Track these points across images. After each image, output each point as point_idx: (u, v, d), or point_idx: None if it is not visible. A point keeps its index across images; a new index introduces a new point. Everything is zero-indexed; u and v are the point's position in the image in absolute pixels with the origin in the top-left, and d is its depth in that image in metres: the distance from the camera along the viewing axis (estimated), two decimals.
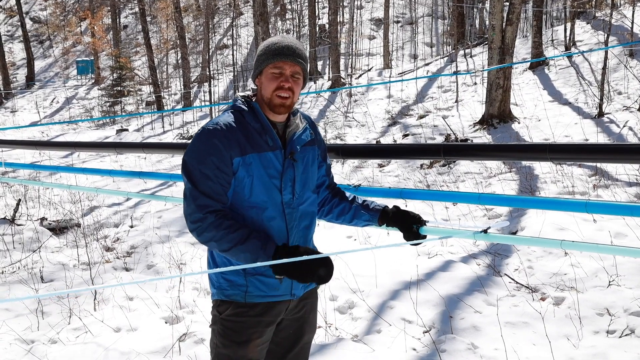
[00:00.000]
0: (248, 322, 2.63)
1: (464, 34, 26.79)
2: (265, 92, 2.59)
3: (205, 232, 2.49)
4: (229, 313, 2.65)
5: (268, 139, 2.58)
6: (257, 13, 16.70)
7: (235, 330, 2.65)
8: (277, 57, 2.57)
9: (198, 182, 2.50)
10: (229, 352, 2.67)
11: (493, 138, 12.55)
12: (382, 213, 2.81)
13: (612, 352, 4.22)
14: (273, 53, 2.57)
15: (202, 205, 2.49)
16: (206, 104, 26.43)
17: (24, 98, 35.42)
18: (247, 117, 2.59)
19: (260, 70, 2.62)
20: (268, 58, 2.58)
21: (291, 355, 2.84)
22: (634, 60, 15.39)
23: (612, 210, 2.58)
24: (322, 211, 2.92)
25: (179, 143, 14.41)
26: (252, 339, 2.65)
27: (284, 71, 2.58)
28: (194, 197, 2.50)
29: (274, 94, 2.58)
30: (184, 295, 5.82)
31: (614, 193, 7.65)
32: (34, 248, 7.72)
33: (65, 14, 48.93)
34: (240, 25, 40.21)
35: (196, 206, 2.50)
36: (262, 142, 2.57)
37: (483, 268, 6.05)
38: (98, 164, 15.56)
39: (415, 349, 4.56)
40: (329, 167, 2.96)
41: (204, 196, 2.49)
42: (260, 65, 2.61)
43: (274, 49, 2.58)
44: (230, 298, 2.64)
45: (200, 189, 2.50)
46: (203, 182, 2.50)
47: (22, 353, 4.76)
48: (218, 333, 2.70)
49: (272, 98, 2.58)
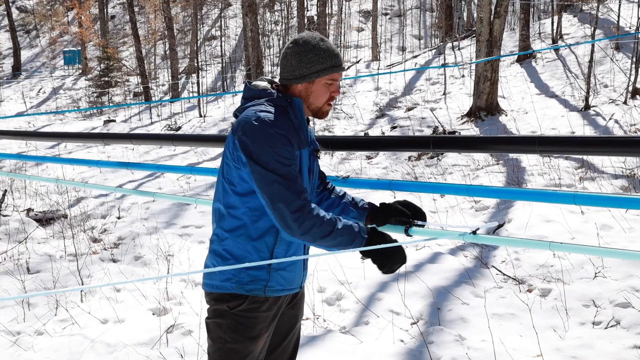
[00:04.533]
0: (260, 317, 2.61)
1: (452, 27, 26.79)
2: (317, 102, 2.59)
3: (306, 220, 2.41)
4: (243, 308, 2.59)
5: (303, 136, 2.59)
6: (245, 4, 16.66)
7: (248, 326, 2.61)
8: (336, 69, 2.56)
9: (279, 170, 2.42)
10: (240, 347, 2.62)
11: (481, 130, 12.59)
12: (370, 212, 2.79)
13: (598, 343, 4.25)
14: (333, 64, 2.55)
15: (299, 191, 2.43)
16: (194, 95, 26.35)
17: (10, 88, 35.14)
18: (290, 112, 2.56)
19: (312, 79, 2.56)
20: (327, 69, 2.55)
21: (286, 343, 2.85)
22: (620, 54, 15.46)
23: (599, 202, 2.60)
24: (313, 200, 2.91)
25: (166, 134, 14.37)
26: (262, 334, 2.65)
27: (336, 81, 2.59)
28: (286, 186, 2.41)
29: (326, 104, 2.59)
30: (172, 286, 5.80)
31: (600, 185, 7.69)
32: (20, 239, 7.67)
33: (52, 3, 48.53)
34: (229, 16, 40.05)
35: (295, 193, 2.41)
36: (302, 138, 2.57)
37: (470, 260, 6.08)
38: (85, 154, 15.47)
39: (403, 340, 4.57)
40: None
41: (295, 183, 2.43)
42: (317, 74, 2.55)
43: (334, 62, 2.55)
44: (251, 292, 2.58)
45: (286, 177, 2.42)
46: (285, 170, 2.43)
47: (7, 344, 4.74)
48: (228, 328, 2.62)
49: (322, 107, 2.59)
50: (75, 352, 4.57)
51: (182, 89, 29.35)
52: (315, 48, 2.54)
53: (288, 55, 2.58)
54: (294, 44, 2.58)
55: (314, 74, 2.54)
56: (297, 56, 2.55)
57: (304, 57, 2.54)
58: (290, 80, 2.58)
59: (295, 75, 2.56)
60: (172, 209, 8.86)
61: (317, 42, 2.56)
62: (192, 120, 20.07)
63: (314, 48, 2.54)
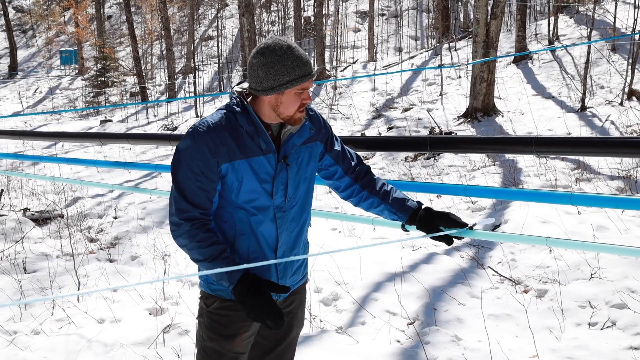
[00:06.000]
0: (235, 316, 2.59)
1: (448, 28, 26.81)
2: (287, 111, 2.45)
3: (179, 237, 2.46)
4: (216, 306, 2.62)
5: (261, 142, 2.46)
6: (242, 4, 16.65)
7: (222, 324, 2.62)
8: (305, 79, 2.41)
9: (181, 183, 2.45)
10: (216, 345, 2.63)
11: (477, 131, 12.60)
12: (412, 215, 2.73)
13: (594, 343, 4.26)
14: (301, 74, 2.41)
15: (180, 209, 2.44)
16: (191, 95, 26.32)
17: (7, 88, 35.10)
18: (240, 119, 2.46)
19: (280, 90, 2.41)
20: (295, 80, 2.40)
21: (279, 350, 2.83)
22: (616, 55, 15.49)
23: (596, 202, 2.61)
24: (350, 200, 2.84)
25: (163, 134, 14.35)
26: (239, 333, 2.63)
27: (306, 88, 2.46)
28: (175, 199, 2.46)
29: (297, 112, 2.47)
30: (168, 286, 5.80)
31: (596, 186, 7.71)
32: (16, 238, 7.66)
33: (49, 3, 48.45)
34: (226, 16, 40.02)
35: (176, 209, 2.45)
36: (253, 146, 2.46)
37: (467, 261, 6.09)
38: (82, 154, 15.46)
39: (399, 340, 4.58)
40: (340, 153, 2.80)
41: (184, 200, 2.44)
42: (285, 85, 2.40)
43: (302, 71, 2.41)
44: (216, 293, 2.61)
45: (182, 192, 2.44)
46: (186, 185, 2.44)
47: (4, 344, 4.73)
48: (205, 326, 2.66)
49: (293, 116, 2.47)
50: (72, 351, 4.57)
51: (178, 89, 29.33)
52: (282, 59, 2.37)
53: (254, 66, 2.43)
54: (260, 54, 2.41)
55: (282, 86, 2.40)
56: (264, 68, 2.40)
57: (270, 68, 2.38)
58: (258, 92, 2.45)
59: (263, 88, 2.42)
60: (168, 209, 8.85)
61: (284, 52, 2.38)
62: (189, 120, 20.06)
63: (281, 58, 2.37)
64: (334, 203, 8.58)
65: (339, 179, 2.80)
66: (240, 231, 2.53)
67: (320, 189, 8.82)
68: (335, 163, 2.77)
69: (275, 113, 2.48)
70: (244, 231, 2.53)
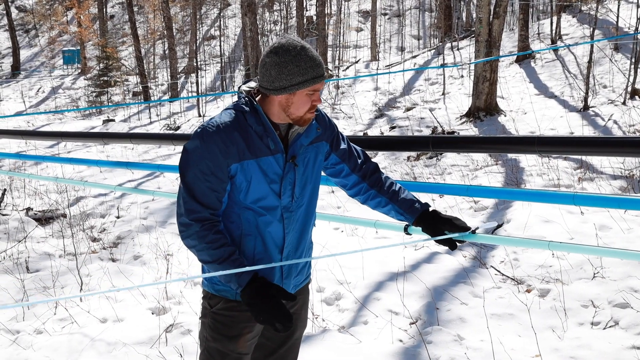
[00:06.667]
0: (239, 316, 2.60)
1: (451, 27, 26.78)
2: (297, 112, 2.45)
3: (188, 238, 2.45)
4: (220, 307, 2.62)
5: (270, 142, 2.46)
6: (244, 4, 16.66)
7: (226, 325, 2.62)
8: (317, 80, 2.41)
9: (191, 184, 2.43)
10: (219, 345, 2.63)
11: (480, 131, 12.60)
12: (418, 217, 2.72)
13: (597, 343, 4.26)
14: (314, 76, 2.40)
15: (190, 210, 2.43)
16: (193, 95, 26.34)
17: (9, 87, 35.15)
18: (249, 119, 2.45)
19: (292, 91, 2.41)
20: (308, 81, 2.39)
21: (282, 351, 2.83)
22: (619, 54, 15.47)
23: (598, 202, 2.61)
24: (357, 198, 2.84)
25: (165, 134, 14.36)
26: (242, 334, 2.63)
27: (317, 90, 2.46)
28: (185, 200, 2.44)
29: (307, 113, 2.46)
30: (171, 286, 5.80)
31: (599, 186, 7.70)
32: (19, 238, 7.67)
33: (52, 2, 48.50)
34: (228, 16, 40.04)
35: (185, 210, 2.43)
36: (262, 146, 2.45)
37: (469, 260, 6.08)
38: (84, 154, 15.47)
39: (401, 340, 4.58)
40: (347, 151, 2.79)
41: (193, 200, 2.42)
42: (297, 86, 2.39)
43: (315, 72, 2.40)
44: (220, 293, 2.61)
45: (192, 192, 2.43)
46: (196, 186, 2.42)
47: (7, 343, 4.74)
48: (208, 326, 2.66)
49: (303, 116, 2.46)
50: (75, 350, 4.57)
51: (181, 88, 29.34)
52: (295, 59, 2.37)
53: (267, 64, 2.42)
54: (274, 53, 2.40)
55: (295, 87, 2.39)
56: (277, 67, 2.39)
57: (284, 68, 2.38)
58: (269, 91, 2.44)
59: (275, 87, 2.41)
60: (171, 208, 8.85)
61: (298, 52, 2.38)
62: (191, 119, 20.06)
63: (295, 59, 2.37)
64: (337, 202, 8.58)
65: (346, 177, 2.80)
66: (247, 232, 2.53)
67: (323, 189, 8.82)
68: (341, 161, 2.77)
69: (285, 113, 2.47)
70: (250, 232, 2.52)
